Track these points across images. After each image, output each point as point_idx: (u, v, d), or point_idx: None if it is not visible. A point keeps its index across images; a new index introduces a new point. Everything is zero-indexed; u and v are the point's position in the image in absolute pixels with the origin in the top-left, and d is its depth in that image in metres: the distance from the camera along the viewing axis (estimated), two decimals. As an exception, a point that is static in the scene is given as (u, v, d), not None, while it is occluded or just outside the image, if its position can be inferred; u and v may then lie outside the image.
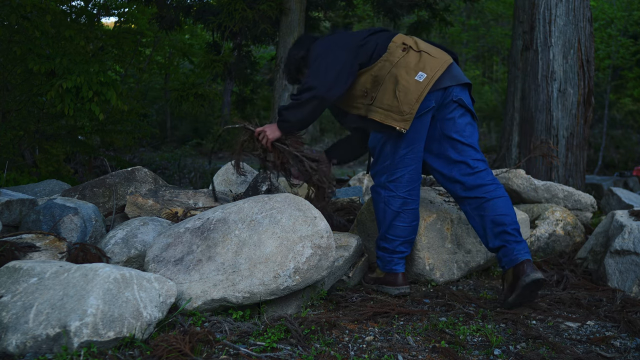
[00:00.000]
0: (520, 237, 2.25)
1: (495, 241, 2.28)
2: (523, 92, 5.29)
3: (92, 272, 1.69)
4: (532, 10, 5.17)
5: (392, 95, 2.24)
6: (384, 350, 1.79)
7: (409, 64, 2.27)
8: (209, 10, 6.58)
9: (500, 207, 2.28)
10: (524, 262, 2.16)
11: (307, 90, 2.27)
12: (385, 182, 2.43)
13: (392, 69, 2.28)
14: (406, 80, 2.23)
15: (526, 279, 2.13)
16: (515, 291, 2.17)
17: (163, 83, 14.16)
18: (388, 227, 2.44)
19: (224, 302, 1.90)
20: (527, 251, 2.22)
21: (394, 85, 2.25)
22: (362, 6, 11.09)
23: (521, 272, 2.16)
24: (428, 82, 2.23)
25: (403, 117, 2.22)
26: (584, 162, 5.17)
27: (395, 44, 2.35)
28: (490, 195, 2.29)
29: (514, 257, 2.20)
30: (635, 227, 2.64)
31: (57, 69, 4.60)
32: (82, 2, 8.05)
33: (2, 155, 5.16)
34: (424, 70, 2.25)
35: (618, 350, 1.88)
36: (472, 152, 2.33)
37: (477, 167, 2.32)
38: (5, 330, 1.58)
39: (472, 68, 18.03)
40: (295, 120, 2.36)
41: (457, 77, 2.34)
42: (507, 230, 2.24)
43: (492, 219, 2.27)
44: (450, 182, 2.38)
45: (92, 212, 2.58)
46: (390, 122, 2.24)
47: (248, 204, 2.17)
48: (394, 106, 2.23)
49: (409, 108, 2.21)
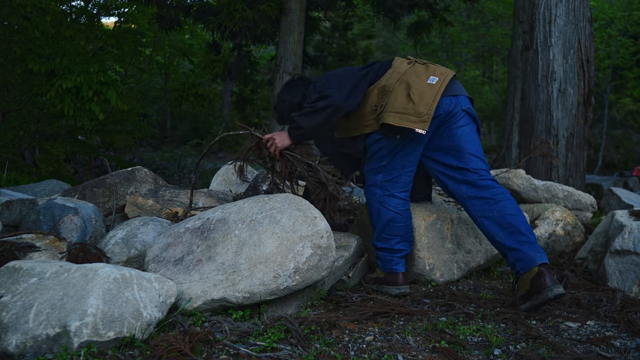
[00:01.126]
0: (531, 238, 2.21)
1: (508, 242, 2.23)
2: (523, 92, 5.29)
3: (92, 272, 1.69)
4: (532, 10, 5.17)
5: (405, 98, 2.25)
6: (384, 350, 1.79)
7: (418, 71, 2.32)
8: (209, 10, 6.58)
9: (511, 208, 2.26)
10: (543, 270, 2.12)
11: (323, 98, 2.28)
12: (381, 181, 2.44)
13: (402, 77, 2.31)
14: (419, 84, 2.26)
15: (549, 293, 2.08)
16: (531, 300, 2.13)
17: (163, 83, 14.16)
18: (384, 226, 2.45)
19: (224, 302, 1.90)
20: (542, 252, 2.17)
21: (406, 90, 2.26)
22: (362, 6, 11.10)
23: (542, 285, 2.10)
24: (441, 84, 2.27)
25: (421, 118, 2.22)
26: (584, 162, 5.17)
27: (399, 60, 2.42)
28: (499, 197, 2.28)
29: (531, 260, 2.15)
30: (635, 227, 2.64)
31: (57, 69, 4.60)
32: (82, 2, 8.06)
33: (2, 155, 5.16)
34: (434, 74, 2.30)
35: (618, 350, 1.88)
36: (479, 162, 2.34)
37: (484, 176, 2.33)
38: (5, 330, 1.58)
39: (472, 68, 18.03)
40: (309, 128, 2.33)
41: (460, 89, 2.38)
42: (520, 230, 2.20)
43: (505, 219, 2.24)
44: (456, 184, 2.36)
45: (92, 212, 2.58)
46: (407, 124, 2.22)
47: (248, 204, 2.17)
48: (409, 108, 2.23)
49: (427, 109, 2.22)
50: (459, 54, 17.52)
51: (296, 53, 6.09)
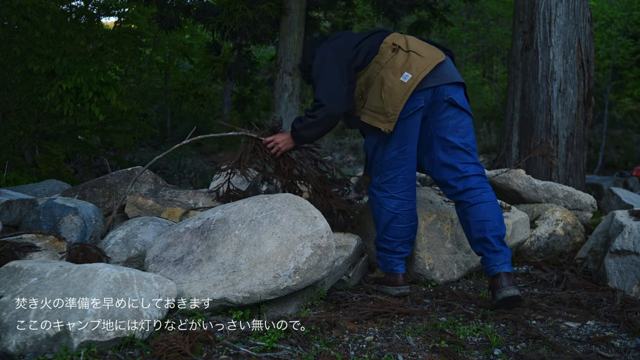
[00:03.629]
0: (499, 246, 2.21)
1: (476, 247, 2.28)
2: (523, 92, 5.29)
3: (92, 272, 1.69)
4: (532, 10, 5.17)
5: (378, 97, 2.26)
6: (384, 350, 1.79)
7: (396, 64, 2.28)
8: (209, 10, 6.58)
9: (483, 213, 2.24)
10: (500, 275, 2.16)
11: (319, 107, 2.35)
12: (379, 183, 2.43)
13: (381, 71, 2.30)
14: (391, 81, 2.24)
15: (499, 295, 2.13)
16: (493, 301, 2.19)
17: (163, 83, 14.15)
18: (385, 228, 2.43)
19: (224, 302, 1.90)
20: (504, 261, 2.18)
21: (380, 87, 2.27)
22: (362, 6, 11.09)
23: (496, 287, 2.16)
24: (413, 82, 2.23)
25: (387, 118, 2.23)
26: (584, 162, 5.16)
27: (387, 44, 2.35)
28: (475, 200, 2.26)
29: (490, 269, 2.19)
30: (635, 227, 2.64)
31: (57, 69, 4.60)
32: (82, 2, 8.05)
33: (2, 155, 5.16)
34: (409, 70, 2.25)
35: (618, 350, 1.88)
36: (463, 154, 2.29)
37: (467, 172, 2.28)
38: (5, 330, 1.58)
39: (472, 68, 18.02)
40: (312, 138, 2.46)
41: (448, 76, 2.31)
42: (486, 237, 2.21)
43: (474, 225, 2.25)
44: (440, 184, 2.38)
45: (92, 212, 2.58)
46: (377, 124, 2.25)
47: (248, 204, 2.17)
48: (379, 107, 2.25)
49: (393, 109, 2.22)
50: (459, 54, 17.51)
51: (296, 53, 6.09)
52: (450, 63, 2.38)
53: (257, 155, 2.52)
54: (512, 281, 2.16)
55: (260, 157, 2.52)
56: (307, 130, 2.41)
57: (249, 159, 2.51)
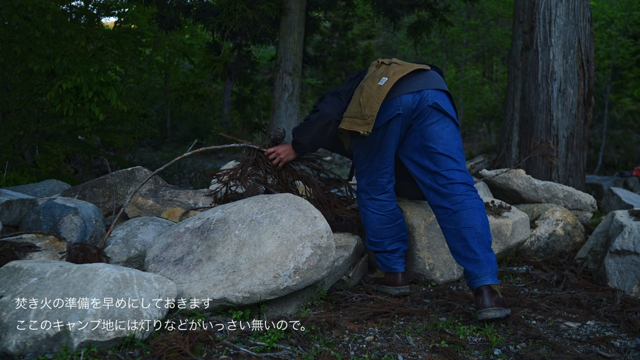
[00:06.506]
0: (480, 256, 2.09)
1: (456, 257, 2.19)
2: (523, 92, 5.29)
3: (92, 272, 1.69)
4: (532, 10, 5.17)
5: (357, 103, 2.29)
6: (384, 350, 1.79)
7: (376, 74, 2.33)
8: (209, 10, 6.58)
9: (465, 219, 2.15)
10: (482, 291, 2.05)
11: (314, 112, 2.41)
12: (364, 185, 2.49)
13: (362, 82, 2.35)
14: (369, 87, 2.28)
15: (479, 315, 2.03)
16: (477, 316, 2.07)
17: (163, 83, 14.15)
18: (372, 229, 2.48)
19: (224, 302, 1.90)
20: (486, 272, 2.07)
21: (359, 95, 2.30)
22: (362, 6, 11.10)
23: (477, 305, 2.05)
24: (388, 84, 2.24)
25: (365, 120, 2.24)
26: (584, 162, 5.16)
27: (373, 64, 2.45)
28: (457, 207, 2.18)
29: (472, 282, 2.10)
30: (635, 227, 2.64)
31: (57, 69, 4.59)
32: (82, 2, 8.05)
33: (2, 155, 5.16)
34: (387, 75, 2.29)
35: (618, 350, 1.88)
36: (449, 161, 2.24)
37: (453, 179, 2.22)
38: (5, 330, 1.58)
39: (472, 68, 18.01)
40: (306, 142, 2.44)
41: (432, 83, 2.30)
42: (469, 246, 2.12)
43: (456, 233, 2.16)
44: (426, 189, 2.32)
45: (92, 212, 2.58)
46: (355, 128, 2.26)
47: (248, 204, 2.17)
48: (357, 112, 2.27)
49: (370, 111, 2.23)
50: (459, 54, 17.50)
51: (296, 53, 6.09)
52: (436, 74, 2.38)
53: (258, 166, 2.55)
54: (494, 300, 2.02)
55: (262, 169, 2.55)
56: (302, 134, 2.41)
57: (250, 171, 2.54)
